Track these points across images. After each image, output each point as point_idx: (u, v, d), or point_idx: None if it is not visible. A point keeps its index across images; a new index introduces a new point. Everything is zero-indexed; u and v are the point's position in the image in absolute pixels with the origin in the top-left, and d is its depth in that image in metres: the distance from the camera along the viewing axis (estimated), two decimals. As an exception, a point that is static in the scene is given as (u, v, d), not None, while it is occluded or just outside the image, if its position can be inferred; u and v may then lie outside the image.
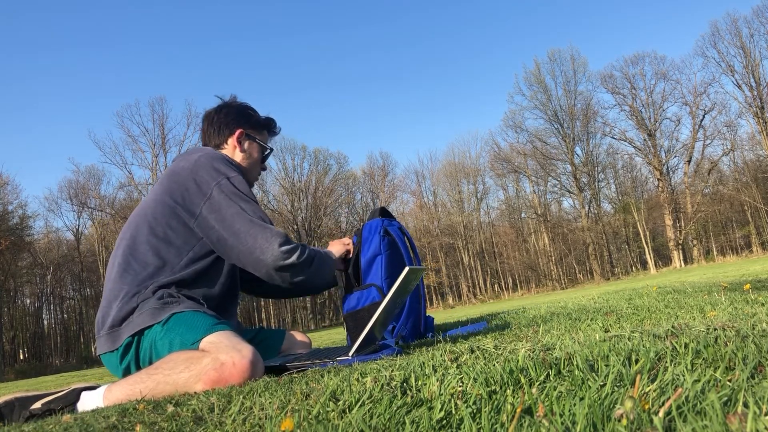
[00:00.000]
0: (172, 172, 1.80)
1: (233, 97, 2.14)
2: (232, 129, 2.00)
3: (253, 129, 2.04)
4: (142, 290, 1.64)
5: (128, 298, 1.64)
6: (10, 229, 29.54)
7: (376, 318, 1.55)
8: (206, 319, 1.58)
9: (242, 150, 2.01)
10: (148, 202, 1.79)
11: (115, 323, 1.63)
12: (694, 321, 1.31)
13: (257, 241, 1.65)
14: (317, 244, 38.34)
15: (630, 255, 38.87)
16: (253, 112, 2.08)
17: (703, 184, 36.02)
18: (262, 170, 2.11)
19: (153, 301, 1.61)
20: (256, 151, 2.04)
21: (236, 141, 1.99)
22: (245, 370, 1.42)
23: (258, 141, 2.05)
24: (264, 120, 2.10)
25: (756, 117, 33.20)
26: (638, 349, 0.89)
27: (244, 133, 2.01)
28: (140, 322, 1.59)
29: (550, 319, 2.23)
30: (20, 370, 27.68)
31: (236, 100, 2.11)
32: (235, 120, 2.01)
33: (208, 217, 1.69)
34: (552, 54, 38.18)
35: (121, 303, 1.64)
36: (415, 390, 0.83)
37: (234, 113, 2.03)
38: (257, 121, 2.07)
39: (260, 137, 2.06)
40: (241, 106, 2.08)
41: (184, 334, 1.54)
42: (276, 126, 2.16)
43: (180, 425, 0.88)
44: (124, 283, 1.66)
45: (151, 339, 1.59)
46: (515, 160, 39.99)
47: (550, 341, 1.24)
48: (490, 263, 42.08)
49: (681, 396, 0.60)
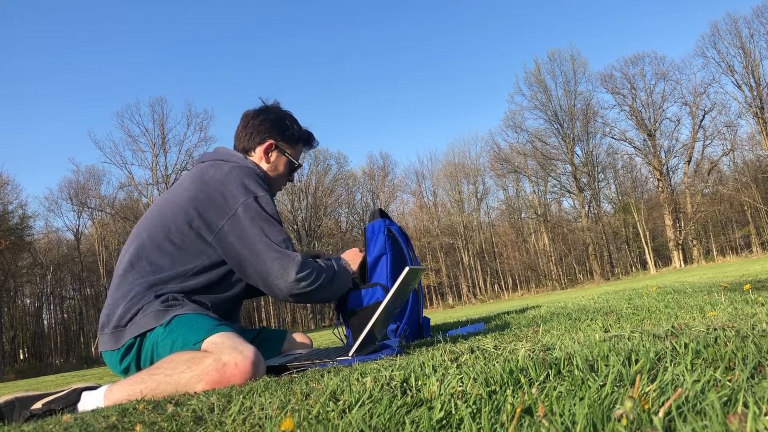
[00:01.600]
0: (201, 180, 1.77)
1: (276, 103, 2.08)
2: (264, 138, 1.95)
3: (285, 142, 1.99)
4: (148, 293, 1.64)
5: (135, 300, 1.64)
6: (10, 229, 29.53)
7: (377, 317, 1.55)
8: (208, 320, 1.58)
9: (268, 161, 1.97)
10: (170, 203, 1.77)
11: (120, 323, 1.63)
12: (694, 321, 1.31)
13: (274, 266, 1.65)
14: (317, 244, 38.38)
15: (630, 255, 38.86)
16: (291, 124, 2.02)
17: (703, 185, 36.01)
18: (289, 181, 2.07)
19: (157, 304, 1.61)
20: (283, 165, 2.00)
21: (263, 152, 1.95)
22: (247, 370, 1.43)
23: (287, 155, 1.99)
24: (300, 134, 2.04)
25: (756, 117, 33.20)
26: (638, 350, 0.89)
27: (273, 145, 1.96)
28: (143, 324, 1.60)
29: (550, 319, 2.23)
30: (20, 370, 27.69)
31: (278, 107, 2.05)
32: (269, 130, 1.96)
33: (229, 234, 1.68)
34: (552, 54, 38.23)
35: (128, 304, 1.64)
36: (415, 390, 0.83)
37: (270, 122, 1.98)
38: (291, 135, 2.01)
39: (291, 151, 2.01)
40: (280, 116, 2.01)
41: (186, 335, 1.54)
42: (313, 141, 2.11)
43: (180, 425, 0.88)
44: (133, 284, 1.66)
45: (153, 340, 1.59)
46: (515, 160, 40.01)
47: (550, 341, 1.24)
48: (490, 263, 42.07)
49: (681, 396, 0.60)
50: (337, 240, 39.63)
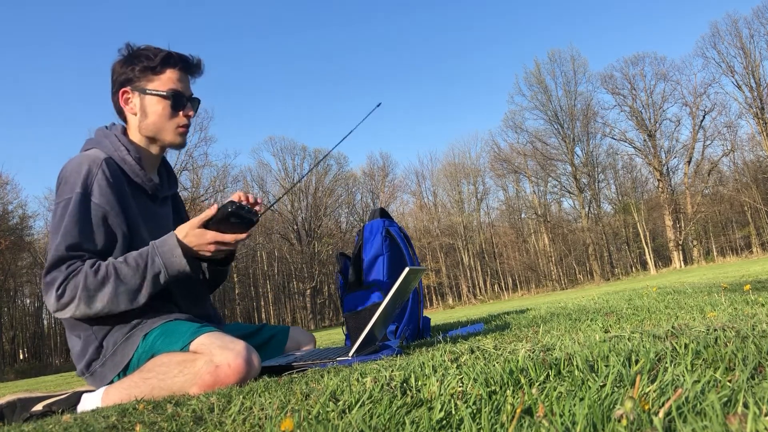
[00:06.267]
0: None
1: (129, 45, 1.65)
2: (117, 89, 1.62)
3: (141, 79, 1.61)
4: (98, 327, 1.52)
5: (92, 342, 1.53)
6: (10, 228, 29.52)
7: (377, 318, 1.55)
8: (187, 324, 1.51)
9: (133, 112, 1.62)
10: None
11: (94, 369, 1.54)
12: (694, 322, 1.31)
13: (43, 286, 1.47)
14: (317, 244, 38.42)
15: (630, 255, 38.85)
16: (139, 53, 1.62)
17: (703, 185, 36.01)
18: (187, 117, 1.65)
19: (119, 335, 1.52)
20: (154, 104, 1.61)
21: (123, 104, 1.63)
22: (241, 369, 1.38)
23: (150, 92, 1.60)
24: (155, 59, 1.60)
25: (756, 118, 33.20)
26: (638, 350, 0.89)
27: (130, 90, 1.62)
28: (120, 360, 1.50)
29: (550, 319, 2.23)
30: (20, 370, 27.67)
31: (130, 46, 1.65)
32: (119, 75, 1.62)
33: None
34: (552, 54, 38.24)
35: (92, 351, 1.53)
36: (415, 390, 0.83)
37: (118, 65, 1.62)
38: (144, 67, 1.60)
39: (154, 84, 1.61)
40: (121, 57, 1.63)
41: (170, 346, 1.47)
42: (179, 58, 1.64)
43: (180, 425, 0.88)
44: (80, 328, 1.54)
45: (137, 356, 1.50)
46: (515, 161, 40.01)
47: (550, 342, 1.24)
48: (490, 264, 42.07)
49: (681, 396, 0.60)
50: (337, 240, 39.63)
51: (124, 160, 1.58)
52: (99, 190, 1.49)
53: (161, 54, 1.61)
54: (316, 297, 39.09)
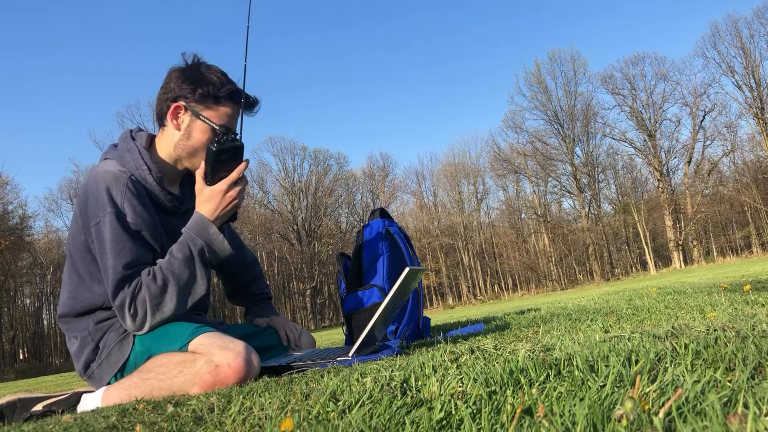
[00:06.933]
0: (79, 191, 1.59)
1: (196, 58, 1.63)
2: (171, 100, 1.59)
3: (199, 102, 1.58)
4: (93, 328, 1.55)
5: (89, 343, 1.55)
6: (10, 229, 29.52)
7: (377, 318, 1.55)
8: (185, 325, 1.51)
9: (178, 128, 1.59)
10: (70, 232, 1.61)
11: (91, 370, 1.56)
12: (694, 322, 1.31)
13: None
14: (317, 244, 38.42)
15: (630, 256, 38.85)
16: (207, 76, 1.58)
17: (703, 185, 36.01)
18: None
19: (114, 336, 1.54)
20: (201, 131, 1.59)
21: (171, 117, 1.59)
22: (241, 369, 1.38)
23: (203, 119, 1.57)
24: (220, 90, 1.58)
25: (756, 118, 33.20)
26: (638, 350, 0.89)
27: (183, 108, 1.58)
28: (116, 361, 1.52)
29: (550, 319, 2.23)
30: (20, 370, 27.68)
31: (199, 61, 1.63)
32: (178, 88, 1.58)
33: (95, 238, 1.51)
34: (552, 54, 38.23)
35: (86, 358, 1.56)
36: (415, 390, 0.83)
37: (179, 79, 1.58)
38: (207, 92, 1.57)
39: (209, 114, 1.58)
40: (193, 69, 1.60)
41: (168, 346, 1.47)
42: (242, 98, 1.62)
43: (180, 425, 0.88)
44: (77, 330, 1.58)
45: (134, 356, 1.51)
46: (515, 161, 40.00)
47: (550, 342, 1.24)
48: (490, 264, 42.06)
49: (681, 397, 0.60)
50: (337, 240, 39.63)
51: (146, 180, 1.58)
52: (131, 209, 1.50)
53: (228, 88, 1.60)
54: (316, 297, 39.09)
